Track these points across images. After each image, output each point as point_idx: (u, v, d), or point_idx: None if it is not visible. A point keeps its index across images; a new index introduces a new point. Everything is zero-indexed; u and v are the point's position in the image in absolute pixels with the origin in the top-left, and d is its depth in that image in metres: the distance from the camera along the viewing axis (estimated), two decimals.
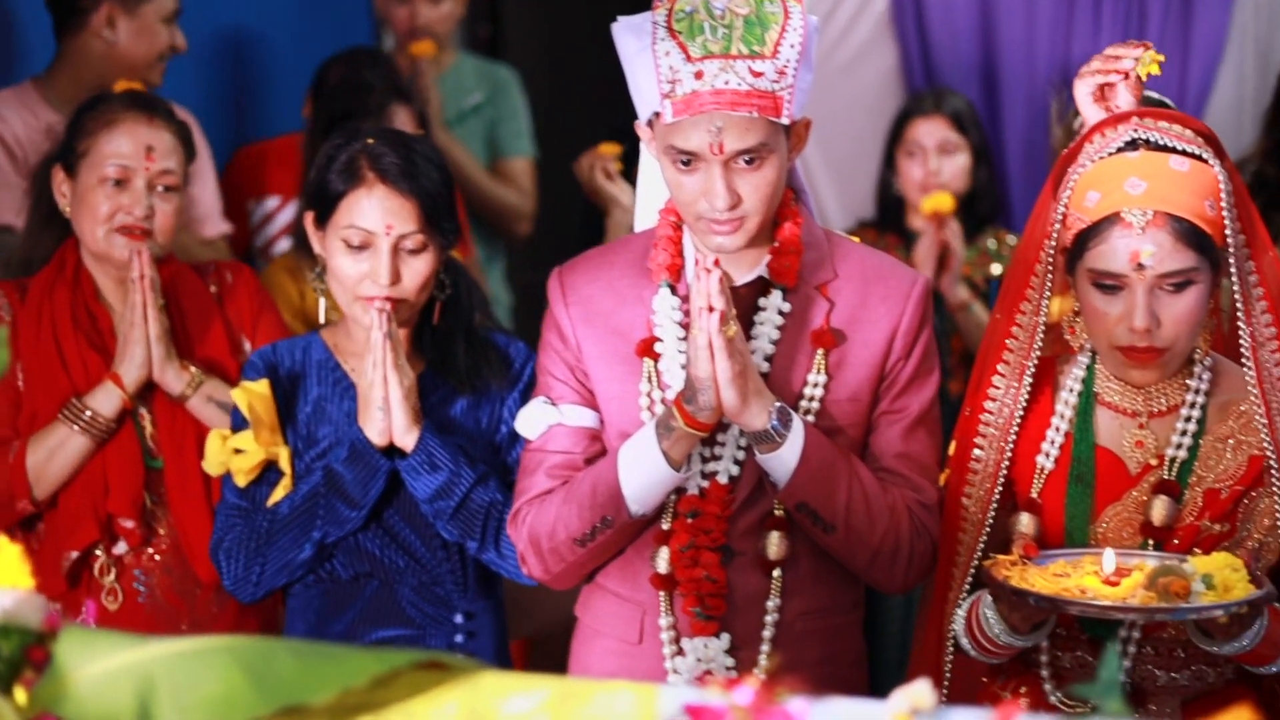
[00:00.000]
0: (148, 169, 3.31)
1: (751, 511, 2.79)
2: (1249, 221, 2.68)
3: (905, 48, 5.72)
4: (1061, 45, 5.69)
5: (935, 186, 4.71)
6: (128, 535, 3.29)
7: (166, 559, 3.31)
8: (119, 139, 3.31)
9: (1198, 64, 5.59)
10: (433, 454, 3.00)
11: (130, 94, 3.43)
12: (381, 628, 3.07)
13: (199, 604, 3.31)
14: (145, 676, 1.59)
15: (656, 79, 2.68)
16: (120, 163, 3.30)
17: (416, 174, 3.02)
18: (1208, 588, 2.44)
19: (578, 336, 2.86)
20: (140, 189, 3.31)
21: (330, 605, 3.10)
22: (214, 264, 3.55)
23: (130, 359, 3.27)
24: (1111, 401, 2.73)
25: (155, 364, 3.28)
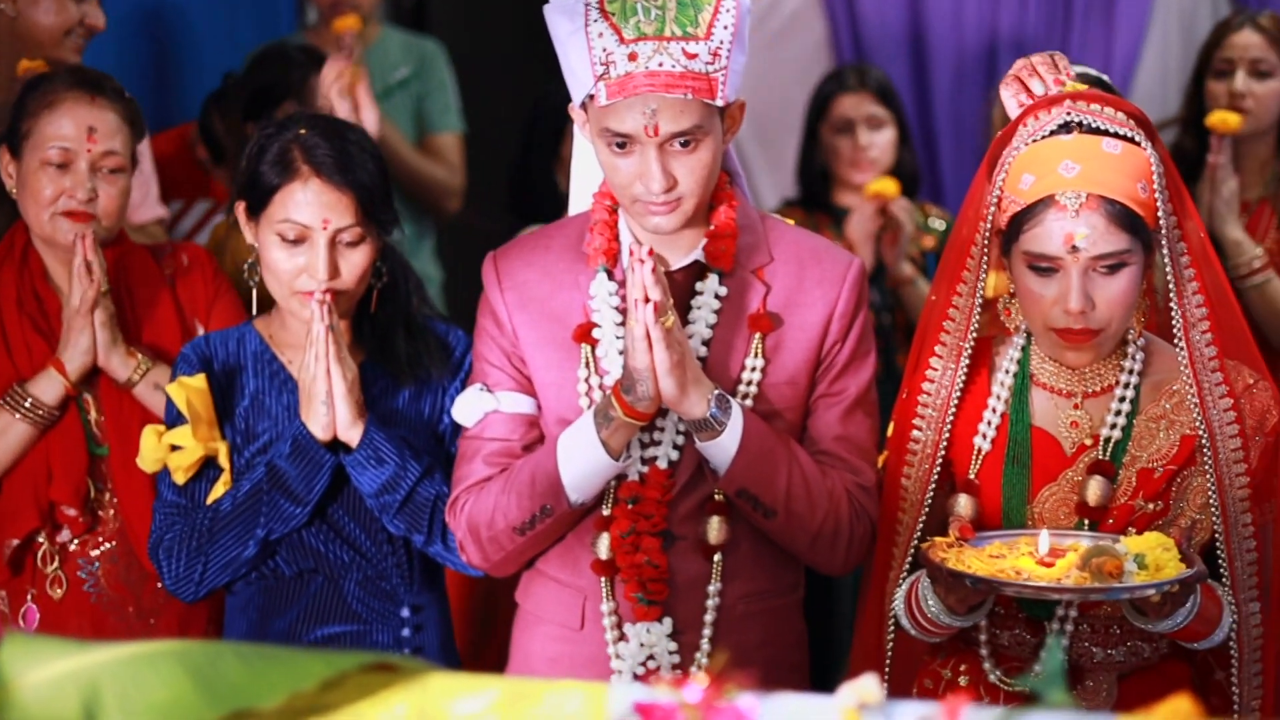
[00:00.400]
0: (90, 150, 3.24)
1: (691, 496, 2.80)
2: (1180, 203, 2.70)
3: (834, 20, 5.79)
4: (989, 16, 5.78)
5: (865, 162, 4.72)
6: (71, 523, 3.24)
7: (112, 548, 3.27)
8: (60, 120, 3.24)
9: (1123, 36, 5.68)
10: (378, 448, 2.96)
11: (73, 73, 3.35)
12: (326, 624, 3.04)
13: (145, 594, 3.26)
14: (91, 683, 1.58)
15: (590, 61, 2.68)
16: (61, 145, 3.24)
17: (352, 166, 2.98)
18: (1140, 567, 2.47)
19: (513, 322, 2.85)
20: (83, 171, 3.24)
21: (273, 602, 3.06)
22: (170, 245, 3.50)
23: (74, 345, 3.21)
24: (1047, 382, 2.75)
25: (100, 350, 3.22)
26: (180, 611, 3.27)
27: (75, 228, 3.22)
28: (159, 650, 1.61)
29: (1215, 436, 2.66)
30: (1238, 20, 4.46)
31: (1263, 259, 4.17)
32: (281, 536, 3.01)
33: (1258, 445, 2.70)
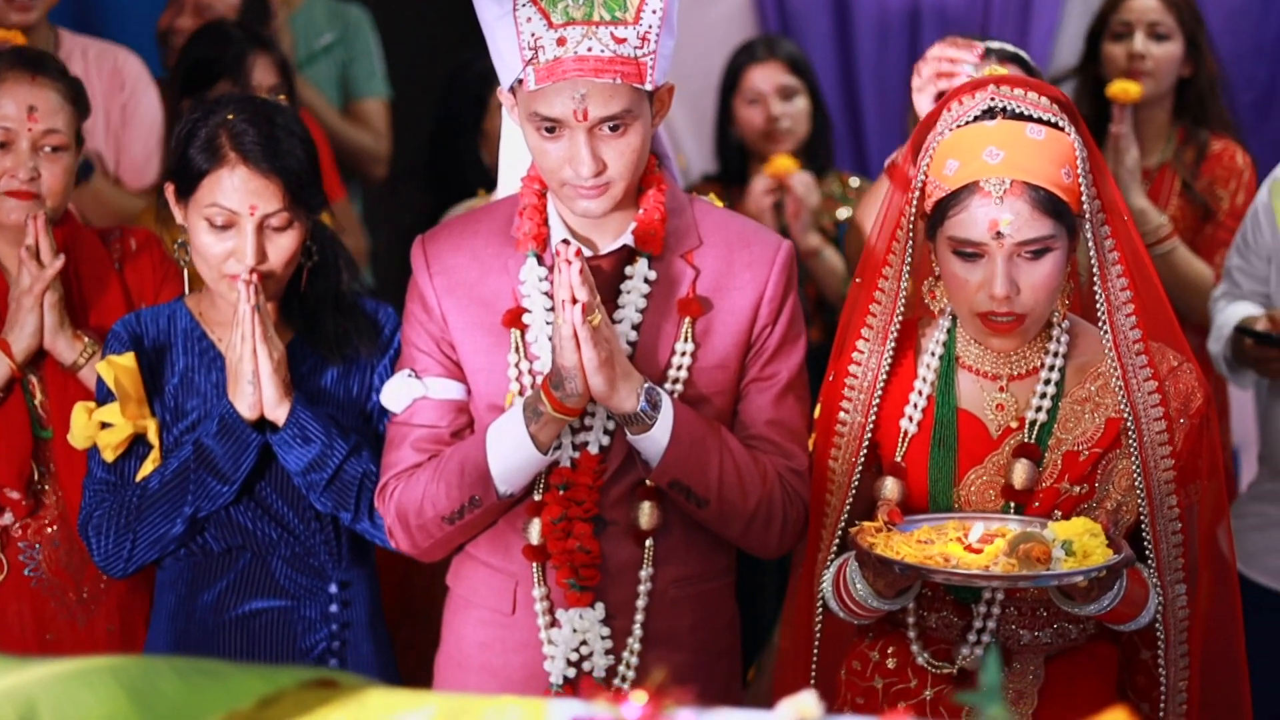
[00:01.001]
0: (31, 130, 3.22)
1: (622, 481, 2.81)
2: (1104, 187, 2.71)
3: None
4: None
5: (779, 133, 4.71)
6: (14, 507, 3.22)
7: (54, 532, 3.25)
8: (1, 100, 3.23)
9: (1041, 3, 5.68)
10: (305, 427, 2.97)
11: (15, 52, 3.32)
12: (253, 599, 3.05)
13: (86, 579, 3.24)
14: (26, 700, 1.57)
15: (518, 46, 2.67)
16: (2, 124, 3.22)
17: (279, 152, 2.97)
18: (1067, 554, 2.49)
19: (442, 307, 2.85)
20: (24, 150, 3.22)
21: (201, 577, 3.07)
22: (120, 229, 3.47)
23: (21, 327, 3.19)
24: (972, 365, 2.77)
25: (47, 333, 3.20)
26: (121, 597, 3.27)
27: (21, 207, 3.21)
28: (95, 667, 1.61)
29: (1140, 419, 2.69)
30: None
31: (1168, 227, 4.20)
32: (209, 514, 3.02)
33: (1182, 427, 2.72)
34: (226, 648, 3.05)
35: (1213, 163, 4.30)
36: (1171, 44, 4.35)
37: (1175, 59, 4.35)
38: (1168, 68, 4.34)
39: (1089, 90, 4.46)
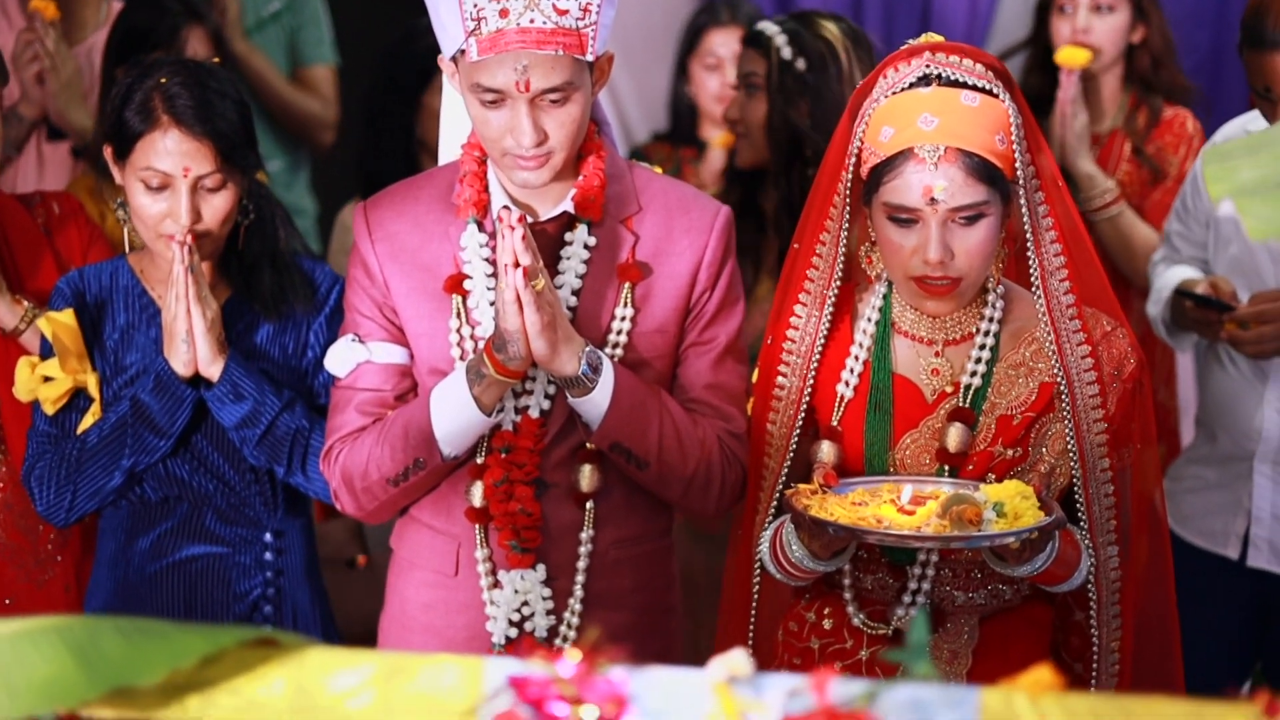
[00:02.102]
0: None
1: (563, 445, 2.84)
2: (1039, 153, 2.75)
3: None
4: None
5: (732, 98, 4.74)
6: None
7: (6, 495, 3.27)
8: None
9: None
10: (237, 383, 3.02)
11: None
12: (190, 545, 3.14)
13: (42, 540, 3.29)
14: None
15: (461, 16, 2.68)
16: None
17: (211, 115, 3.01)
18: (999, 515, 2.52)
19: (384, 273, 2.87)
20: None
21: (139, 524, 3.15)
22: (39, 194, 3.50)
23: None
24: (908, 330, 2.80)
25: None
26: (77, 556, 3.33)
27: None
28: (40, 627, 1.64)
29: (1073, 384, 2.73)
30: None
31: (1115, 192, 4.26)
32: (147, 466, 3.08)
33: (1115, 391, 2.77)
34: (164, 592, 3.13)
35: (1163, 129, 4.36)
36: (1116, 15, 4.39)
37: (1120, 29, 4.39)
38: (1113, 39, 4.38)
39: (1039, 61, 4.51)
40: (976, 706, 1.55)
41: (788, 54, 3.95)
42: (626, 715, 1.56)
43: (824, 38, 3.92)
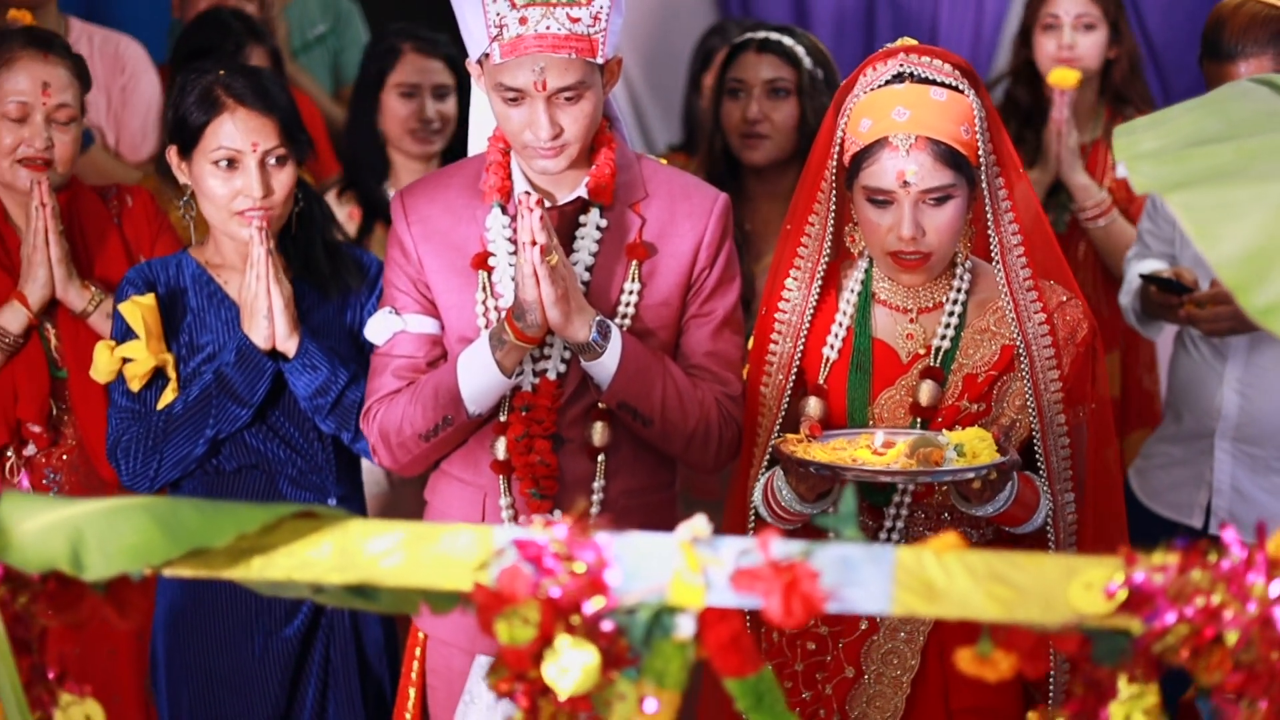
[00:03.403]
0: (45, 104, 3.57)
1: (578, 404, 3.15)
2: (1000, 143, 3.07)
3: None
4: None
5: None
6: (36, 439, 3.61)
7: (72, 459, 3.62)
8: (17, 77, 3.57)
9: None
10: (311, 356, 3.33)
11: (27, 32, 3.66)
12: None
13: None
14: (75, 529, 1.94)
15: (485, 23, 2.99)
16: (19, 99, 3.56)
17: (270, 94, 3.35)
18: (959, 455, 2.85)
19: (419, 252, 3.19)
20: (39, 123, 3.57)
21: (216, 493, 3.41)
22: (115, 187, 3.82)
23: (34, 280, 3.55)
24: (886, 300, 3.13)
25: (58, 284, 3.56)
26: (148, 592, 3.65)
27: (33, 175, 3.54)
28: (129, 504, 1.98)
29: (1030, 346, 3.05)
30: None
31: (1107, 201, 4.59)
32: (227, 435, 3.37)
33: (1070, 353, 3.07)
34: None
35: None
36: (1097, 32, 4.73)
37: (1101, 45, 4.73)
38: (1095, 54, 4.72)
39: (1026, 78, 4.84)
40: (893, 561, 1.88)
41: (809, 63, 4.38)
42: (609, 569, 1.90)
43: (819, 48, 4.37)
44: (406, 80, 4.69)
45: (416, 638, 3.31)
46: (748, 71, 4.55)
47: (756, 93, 4.53)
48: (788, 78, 4.49)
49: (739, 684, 1.92)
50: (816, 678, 3.13)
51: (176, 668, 3.43)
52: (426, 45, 4.70)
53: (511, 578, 1.89)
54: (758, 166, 4.53)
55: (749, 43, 4.59)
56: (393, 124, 4.69)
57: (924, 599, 1.87)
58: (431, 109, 4.68)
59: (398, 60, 4.72)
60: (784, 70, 4.50)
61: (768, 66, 4.52)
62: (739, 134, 4.54)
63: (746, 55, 4.57)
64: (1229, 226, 1.91)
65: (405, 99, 4.68)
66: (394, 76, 4.72)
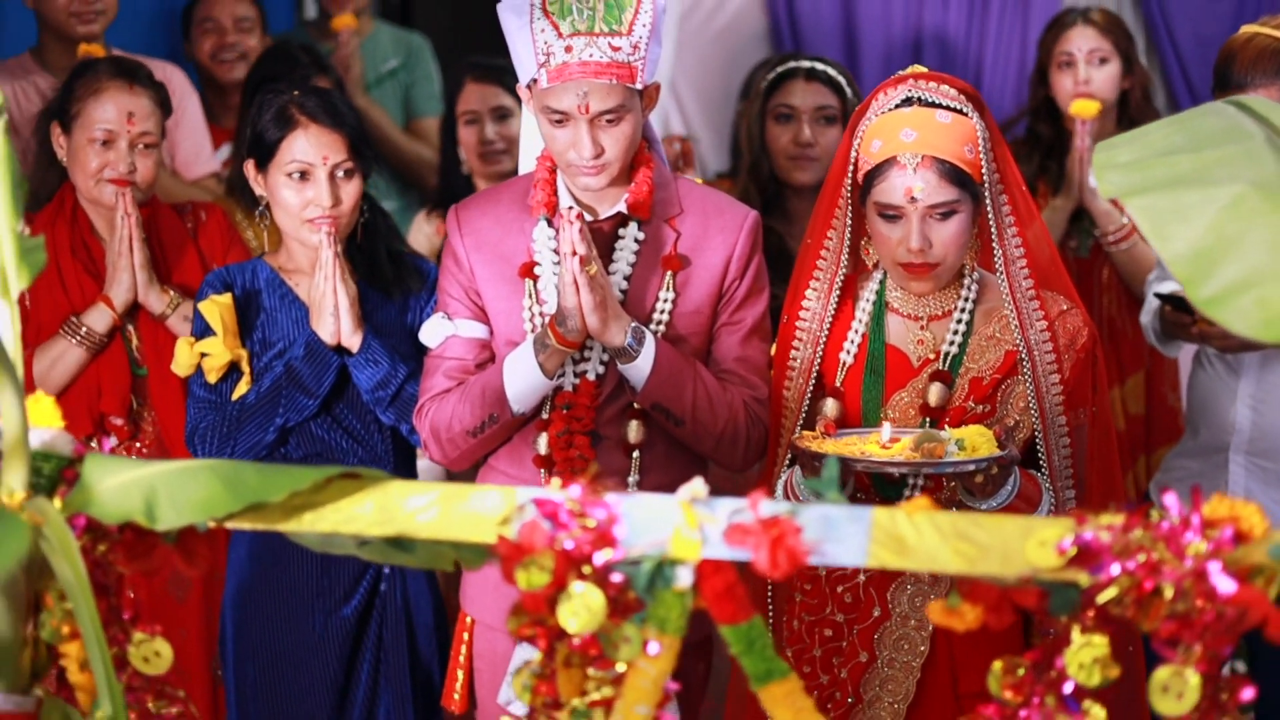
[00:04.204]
0: (129, 131, 3.92)
1: (615, 403, 3.38)
2: (1003, 163, 3.30)
3: (774, 16, 6.28)
4: (914, 11, 6.27)
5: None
6: (117, 431, 3.91)
7: (151, 451, 3.92)
8: (105, 106, 3.92)
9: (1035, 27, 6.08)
10: (374, 352, 3.60)
11: (114, 63, 4.01)
12: None
13: None
14: (149, 486, 2.20)
15: (534, 52, 3.25)
16: (106, 127, 3.91)
17: (340, 112, 3.65)
18: (960, 449, 3.07)
19: (471, 261, 3.43)
20: (123, 148, 3.92)
21: None
22: (191, 204, 4.16)
23: (118, 284, 3.89)
24: (898, 308, 3.36)
25: (140, 288, 3.90)
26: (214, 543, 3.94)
27: (118, 189, 3.88)
28: (197, 465, 2.24)
29: (1033, 351, 3.27)
30: (1070, 18, 5.13)
31: (1128, 226, 4.81)
32: (295, 425, 3.64)
33: (1070, 358, 3.28)
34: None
35: None
36: (1111, 65, 4.97)
37: (1114, 77, 4.97)
38: (1110, 86, 4.96)
39: (1046, 114, 5.08)
40: (869, 520, 2.12)
41: (849, 92, 4.69)
42: (617, 525, 2.15)
43: (851, 78, 4.69)
44: (469, 108, 5.02)
45: (465, 622, 3.55)
46: (796, 98, 4.85)
47: (806, 118, 4.80)
48: (834, 104, 4.81)
49: (732, 630, 2.17)
50: (833, 662, 3.35)
51: (244, 644, 3.71)
52: (484, 73, 5.04)
53: (530, 531, 2.15)
54: (806, 187, 4.79)
55: (796, 71, 4.87)
56: (465, 150, 5.04)
57: (896, 553, 2.11)
58: (493, 131, 5.00)
59: (460, 91, 5.06)
60: (830, 97, 4.81)
61: (815, 93, 4.83)
62: (787, 156, 4.83)
63: (795, 83, 4.87)
64: (1180, 227, 2.13)
65: (470, 126, 5.02)
66: (459, 106, 5.07)
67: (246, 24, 5.63)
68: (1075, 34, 5.04)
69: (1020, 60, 6.28)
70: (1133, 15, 6.16)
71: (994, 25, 6.25)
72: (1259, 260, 2.07)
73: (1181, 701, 2.03)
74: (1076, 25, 5.08)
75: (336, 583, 3.68)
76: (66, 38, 4.88)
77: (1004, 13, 6.23)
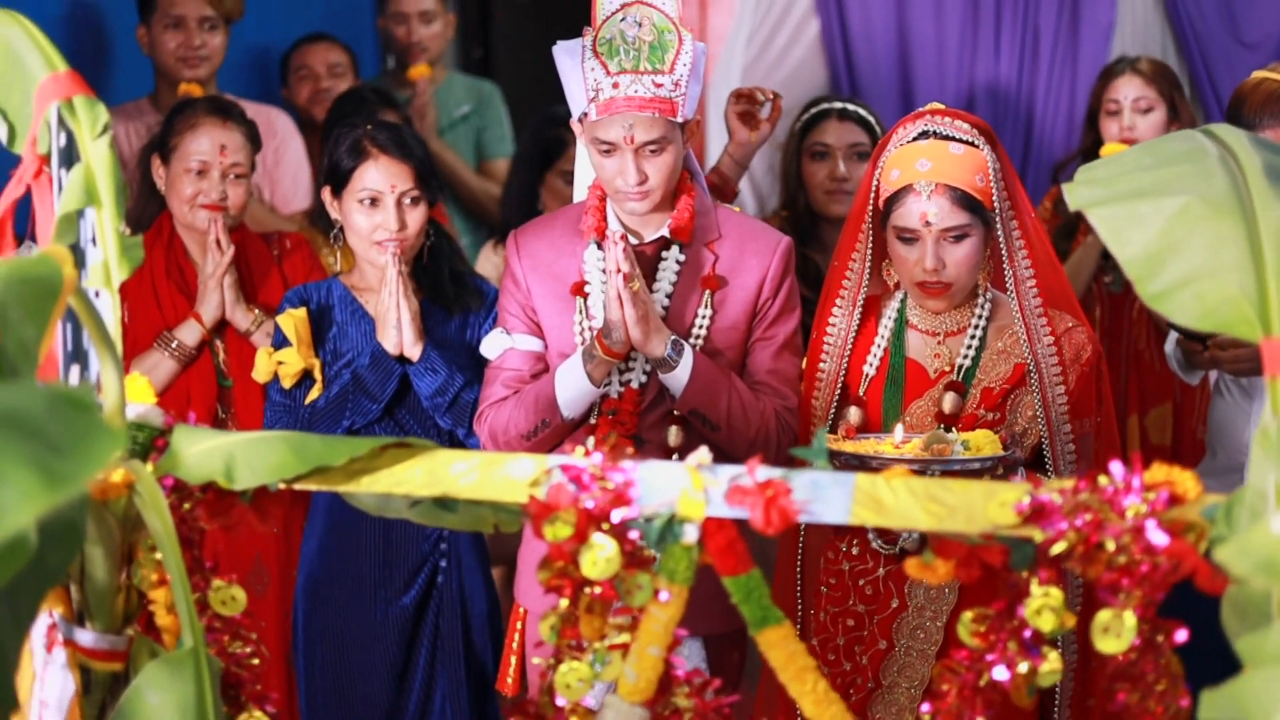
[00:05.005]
0: (221, 162, 4.29)
1: (656, 410, 3.67)
2: (1014, 191, 3.58)
3: (834, 68, 6.52)
4: (968, 67, 6.50)
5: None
6: None
7: None
8: (200, 139, 4.30)
9: (1083, 80, 6.36)
10: (433, 361, 3.92)
11: (211, 100, 4.42)
12: None
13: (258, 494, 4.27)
14: (229, 452, 2.53)
15: (585, 88, 3.56)
16: (200, 158, 4.29)
17: (407, 146, 3.99)
18: (965, 449, 3.37)
19: (527, 281, 3.74)
20: (216, 178, 4.30)
21: None
22: (278, 234, 4.54)
23: (208, 302, 4.26)
24: (917, 325, 3.65)
25: (227, 306, 4.26)
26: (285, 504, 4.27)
27: (210, 214, 4.26)
28: (270, 435, 2.56)
29: (1040, 364, 3.56)
30: (1119, 67, 5.40)
31: None
32: (360, 427, 3.95)
33: (1075, 371, 3.55)
34: (365, 533, 4.03)
35: None
36: (1156, 113, 5.24)
37: (1159, 125, 5.24)
38: (1153, 133, 5.22)
39: (1095, 156, 5.34)
40: (852, 484, 2.42)
41: (879, 130, 5.06)
42: (632, 487, 2.46)
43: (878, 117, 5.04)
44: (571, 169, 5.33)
45: (518, 613, 3.86)
46: (830, 136, 5.22)
47: (841, 154, 5.16)
48: (866, 142, 5.15)
49: (733, 580, 2.48)
50: (855, 650, 3.63)
51: (313, 629, 4.05)
52: None
53: (557, 492, 2.46)
54: (841, 219, 5.10)
55: (829, 111, 5.24)
56: (555, 202, 5.36)
57: (875, 513, 2.41)
58: None
59: (565, 150, 5.41)
60: (862, 135, 5.18)
61: (848, 132, 5.21)
62: (824, 190, 5.17)
63: (829, 122, 5.24)
64: (1134, 232, 2.41)
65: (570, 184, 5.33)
66: (560, 164, 5.39)
67: (339, 69, 6.04)
68: (1122, 82, 5.33)
69: (1069, 109, 6.50)
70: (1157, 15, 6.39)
71: (1044, 76, 6.46)
72: (1199, 260, 2.35)
73: (1120, 640, 2.31)
74: (1125, 74, 5.36)
75: (396, 574, 4.01)
76: (176, 81, 5.30)
77: (1053, 64, 6.45)
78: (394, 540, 4.04)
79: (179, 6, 5.44)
